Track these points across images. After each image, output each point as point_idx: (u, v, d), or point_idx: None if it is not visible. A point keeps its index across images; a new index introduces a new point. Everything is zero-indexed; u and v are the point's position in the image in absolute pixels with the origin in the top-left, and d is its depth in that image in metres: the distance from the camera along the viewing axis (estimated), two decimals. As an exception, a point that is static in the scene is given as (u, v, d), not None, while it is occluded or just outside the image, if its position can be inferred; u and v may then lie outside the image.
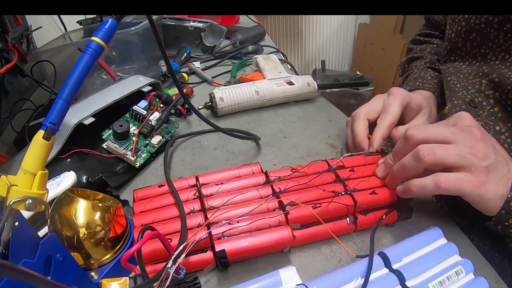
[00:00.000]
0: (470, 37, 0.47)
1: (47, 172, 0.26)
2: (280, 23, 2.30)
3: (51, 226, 0.31)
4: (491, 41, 0.44)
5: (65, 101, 0.25)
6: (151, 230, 0.27)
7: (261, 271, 0.33)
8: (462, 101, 0.46)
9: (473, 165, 0.32)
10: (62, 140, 0.41)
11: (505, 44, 0.43)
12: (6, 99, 0.59)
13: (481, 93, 0.45)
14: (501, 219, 0.32)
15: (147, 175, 0.47)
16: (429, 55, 0.63)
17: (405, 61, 0.68)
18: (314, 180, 0.37)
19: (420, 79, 0.57)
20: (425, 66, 0.61)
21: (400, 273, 0.29)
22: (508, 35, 0.42)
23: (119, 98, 0.48)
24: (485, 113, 0.44)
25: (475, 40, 0.47)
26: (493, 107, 0.44)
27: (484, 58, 0.46)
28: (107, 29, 0.27)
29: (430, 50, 0.63)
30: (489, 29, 0.44)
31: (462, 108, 0.45)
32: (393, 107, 0.45)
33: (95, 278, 0.30)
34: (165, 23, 0.84)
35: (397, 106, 0.45)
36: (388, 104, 0.46)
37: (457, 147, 0.32)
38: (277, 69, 0.66)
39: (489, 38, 0.45)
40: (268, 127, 0.56)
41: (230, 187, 0.38)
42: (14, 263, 0.20)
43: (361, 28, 2.44)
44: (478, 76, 0.47)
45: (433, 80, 0.57)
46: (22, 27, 0.67)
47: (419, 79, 0.57)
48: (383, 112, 0.46)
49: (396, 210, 0.37)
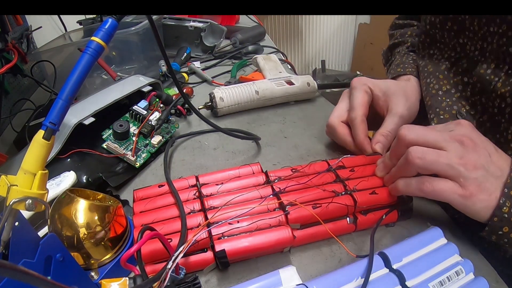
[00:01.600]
0: (446, 26, 0.45)
1: (47, 172, 0.26)
2: (280, 23, 2.30)
3: (51, 226, 0.31)
4: (467, 28, 0.42)
5: (65, 101, 0.25)
6: (151, 230, 0.27)
7: (261, 271, 0.33)
8: (449, 115, 0.44)
9: (462, 176, 0.31)
10: (62, 140, 0.41)
11: (480, 32, 0.41)
12: (6, 99, 0.59)
13: (468, 100, 0.43)
14: (494, 228, 0.31)
15: (147, 175, 0.47)
16: (410, 38, 0.60)
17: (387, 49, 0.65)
18: (314, 180, 0.37)
19: (401, 65, 0.55)
20: (407, 51, 0.59)
21: (400, 273, 0.29)
22: (483, 20, 0.40)
23: (119, 98, 0.48)
24: (474, 122, 0.42)
25: (451, 29, 0.45)
26: (482, 115, 0.42)
27: (463, 49, 0.44)
28: (107, 29, 0.27)
29: (411, 33, 0.61)
30: (463, 16, 0.42)
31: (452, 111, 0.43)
32: (357, 100, 0.45)
33: (95, 278, 0.30)
34: (165, 23, 0.84)
35: (360, 97, 0.45)
36: (353, 97, 0.45)
37: (448, 155, 0.31)
38: (277, 69, 0.66)
39: (465, 26, 0.43)
40: (268, 127, 0.56)
41: (230, 187, 0.38)
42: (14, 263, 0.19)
43: (361, 28, 2.44)
44: (458, 73, 0.45)
45: (415, 63, 0.55)
46: (22, 27, 0.67)
47: (400, 64, 0.55)
48: (350, 109, 0.45)
49: (396, 210, 0.37)
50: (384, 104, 0.46)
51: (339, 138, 0.47)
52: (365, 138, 0.44)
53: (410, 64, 0.54)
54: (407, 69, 0.53)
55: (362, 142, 0.44)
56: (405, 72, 0.53)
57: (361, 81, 0.46)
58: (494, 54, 0.39)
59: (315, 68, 2.46)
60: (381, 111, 0.47)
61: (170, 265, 0.27)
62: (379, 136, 0.44)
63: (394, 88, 0.47)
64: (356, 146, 0.45)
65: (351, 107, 0.45)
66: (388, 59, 0.65)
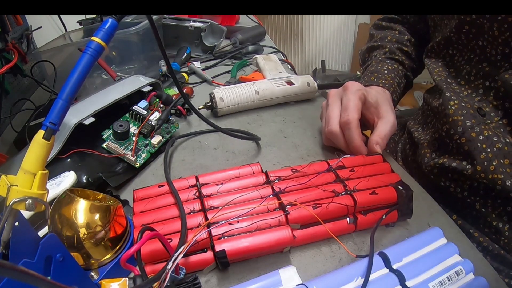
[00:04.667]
0: (463, 30, 0.45)
1: (47, 172, 0.26)
2: (280, 23, 2.30)
3: (51, 226, 0.31)
4: (486, 32, 0.42)
5: (65, 101, 0.25)
6: (151, 231, 0.27)
7: (261, 271, 0.33)
8: (470, 106, 0.44)
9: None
10: (62, 140, 0.41)
11: (501, 37, 0.40)
12: (6, 99, 0.59)
13: (489, 104, 0.43)
14: None
15: (147, 175, 0.47)
16: (389, 44, 0.60)
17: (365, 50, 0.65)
18: (314, 180, 0.37)
19: (375, 73, 0.55)
20: (384, 57, 0.59)
21: (400, 273, 0.29)
22: (505, 25, 0.39)
23: (119, 98, 0.48)
24: (493, 123, 0.43)
25: (469, 32, 0.45)
26: (502, 119, 0.42)
27: (483, 52, 0.44)
28: (107, 29, 0.27)
29: (391, 38, 0.60)
30: (482, 20, 0.42)
31: (470, 112, 0.43)
32: (353, 102, 0.44)
33: (95, 278, 0.30)
34: (165, 23, 0.84)
35: (356, 100, 0.44)
36: (347, 100, 0.45)
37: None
38: (277, 69, 0.66)
39: (484, 30, 0.42)
40: (268, 127, 0.56)
41: (230, 187, 0.38)
42: (14, 263, 0.19)
43: (361, 28, 2.44)
44: (480, 76, 0.45)
45: (389, 74, 0.55)
46: (22, 27, 0.67)
47: (375, 73, 0.55)
48: (344, 111, 0.45)
49: (396, 210, 0.37)
50: (375, 111, 0.47)
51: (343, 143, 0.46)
52: (361, 142, 0.44)
53: (384, 75, 0.55)
54: (380, 80, 0.54)
55: (360, 146, 0.44)
56: (378, 83, 0.54)
57: (356, 86, 0.46)
58: None
59: (315, 68, 2.46)
60: (371, 117, 0.47)
61: (170, 265, 0.27)
62: (377, 137, 0.44)
63: (383, 98, 0.48)
64: (352, 149, 0.45)
65: (346, 109, 0.45)
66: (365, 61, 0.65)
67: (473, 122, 0.43)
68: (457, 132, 0.44)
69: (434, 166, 0.47)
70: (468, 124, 0.43)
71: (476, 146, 0.42)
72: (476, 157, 0.42)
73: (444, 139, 0.47)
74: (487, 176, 0.41)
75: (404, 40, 0.60)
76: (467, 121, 0.43)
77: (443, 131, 0.47)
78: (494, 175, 0.40)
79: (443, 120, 0.46)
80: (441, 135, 0.47)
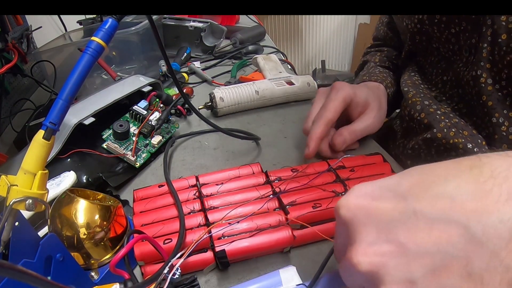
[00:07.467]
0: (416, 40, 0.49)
1: (47, 172, 0.26)
2: (280, 23, 2.30)
3: (51, 226, 0.31)
4: (432, 36, 0.46)
5: (65, 101, 0.25)
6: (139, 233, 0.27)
7: (261, 271, 0.33)
8: (428, 94, 0.47)
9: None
10: (62, 140, 0.41)
11: (442, 36, 0.45)
12: (6, 99, 0.59)
13: (446, 94, 0.46)
14: None
15: (147, 175, 0.47)
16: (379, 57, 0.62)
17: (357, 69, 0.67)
18: (314, 180, 0.37)
19: (367, 75, 0.56)
20: (375, 65, 0.61)
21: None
22: (442, 25, 0.44)
23: (119, 98, 0.48)
24: (449, 108, 0.45)
25: (422, 40, 0.49)
26: (458, 104, 0.45)
27: (439, 53, 0.48)
28: (107, 29, 0.27)
29: (380, 55, 0.63)
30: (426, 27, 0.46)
31: (427, 96, 0.47)
32: (333, 103, 0.44)
33: (95, 278, 0.30)
34: (165, 23, 0.84)
35: (337, 101, 0.44)
36: (329, 99, 0.44)
37: None
38: (277, 69, 0.66)
39: (430, 34, 0.46)
40: (268, 127, 0.56)
41: (230, 187, 0.38)
42: (14, 263, 0.20)
43: (361, 28, 2.44)
44: (439, 73, 0.48)
45: (382, 74, 0.56)
46: (22, 27, 0.67)
47: (366, 75, 0.56)
48: (322, 108, 0.44)
49: (396, 210, 0.37)
50: (362, 111, 0.47)
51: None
52: (317, 136, 0.43)
53: (376, 74, 0.56)
54: (372, 77, 0.55)
55: (312, 139, 0.42)
56: (370, 79, 0.55)
57: (344, 86, 0.45)
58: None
59: (315, 68, 2.46)
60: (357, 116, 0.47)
61: (167, 270, 0.26)
62: (345, 130, 0.45)
63: (374, 94, 0.49)
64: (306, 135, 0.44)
65: (323, 108, 0.44)
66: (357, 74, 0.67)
67: (430, 102, 0.46)
68: (416, 110, 0.47)
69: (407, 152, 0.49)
70: (426, 103, 0.46)
71: (435, 117, 0.44)
72: (436, 126, 0.44)
73: (409, 124, 0.49)
74: (448, 141, 0.42)
75: (393, 55, 0.63)
76: (425, 101, 0.46)
77: (406, 115, 0.49)
78: (455, 140, 0.42)
79: (403, 105, 0.50)
80: (405, 120, 0.50)
